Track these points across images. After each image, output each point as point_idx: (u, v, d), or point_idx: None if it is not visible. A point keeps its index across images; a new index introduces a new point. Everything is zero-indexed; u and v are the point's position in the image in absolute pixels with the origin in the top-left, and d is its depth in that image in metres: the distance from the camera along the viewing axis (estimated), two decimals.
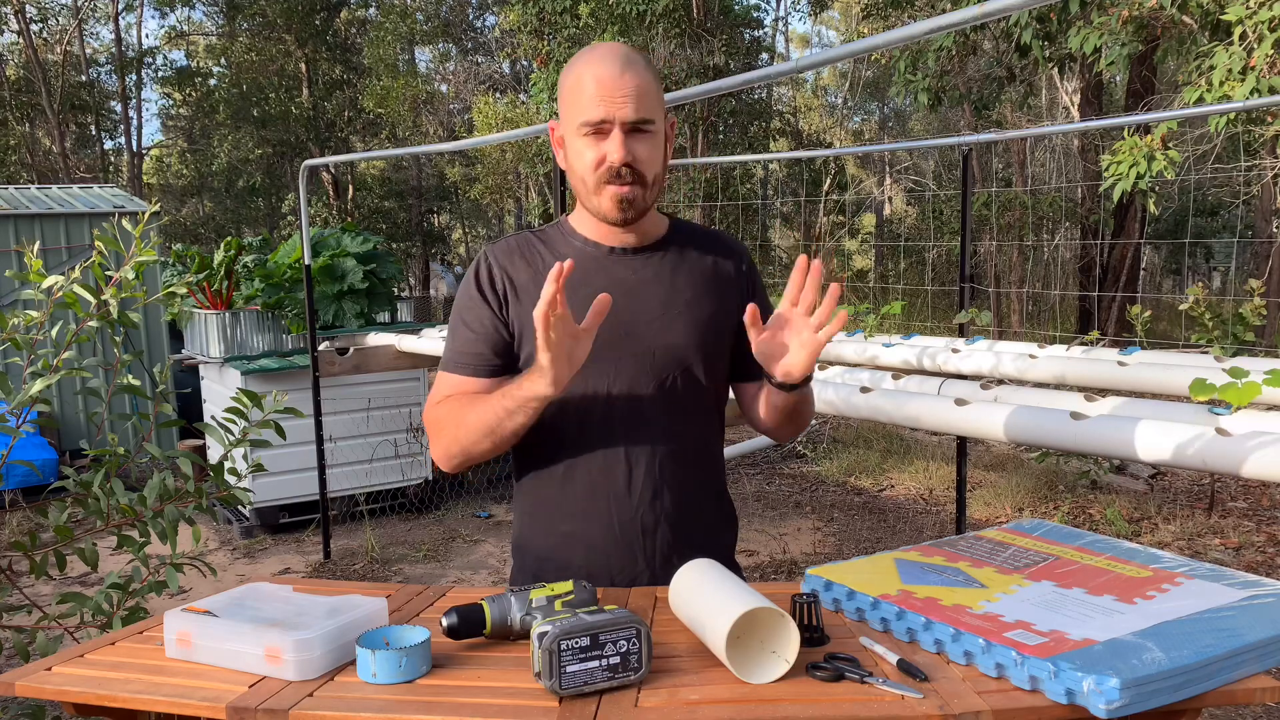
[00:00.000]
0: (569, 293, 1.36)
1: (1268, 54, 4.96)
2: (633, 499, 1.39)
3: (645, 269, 1.43)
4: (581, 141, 1.34)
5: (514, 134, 4.04)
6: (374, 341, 5.34)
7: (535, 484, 1.45)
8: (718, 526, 1.51)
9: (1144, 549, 1.29)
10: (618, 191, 1.34)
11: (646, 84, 1.33)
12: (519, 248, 1.45)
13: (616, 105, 1.30)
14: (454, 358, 1.43)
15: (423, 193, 20.80)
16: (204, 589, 3.68)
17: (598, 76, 1.31)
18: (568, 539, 1.42)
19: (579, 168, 1.36)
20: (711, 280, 1.46)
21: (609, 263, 1.43)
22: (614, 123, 1.31)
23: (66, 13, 19.96)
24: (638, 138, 1.33)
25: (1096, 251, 11.01)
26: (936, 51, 8.11)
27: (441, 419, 1.40)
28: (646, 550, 1.40)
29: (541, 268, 1.41)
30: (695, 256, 1.47)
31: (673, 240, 1.47)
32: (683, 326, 1.41)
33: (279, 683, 1.04)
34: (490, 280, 1.42)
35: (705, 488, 1.47)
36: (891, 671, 1.02)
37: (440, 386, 1.45)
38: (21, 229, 6.75)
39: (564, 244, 1.45)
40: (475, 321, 1.42)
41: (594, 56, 1.34)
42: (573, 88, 1.34)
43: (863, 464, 6.62)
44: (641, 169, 1.34)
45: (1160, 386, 2.48)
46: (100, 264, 2.14)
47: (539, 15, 11.99)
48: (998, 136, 3.90)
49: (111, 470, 2.02)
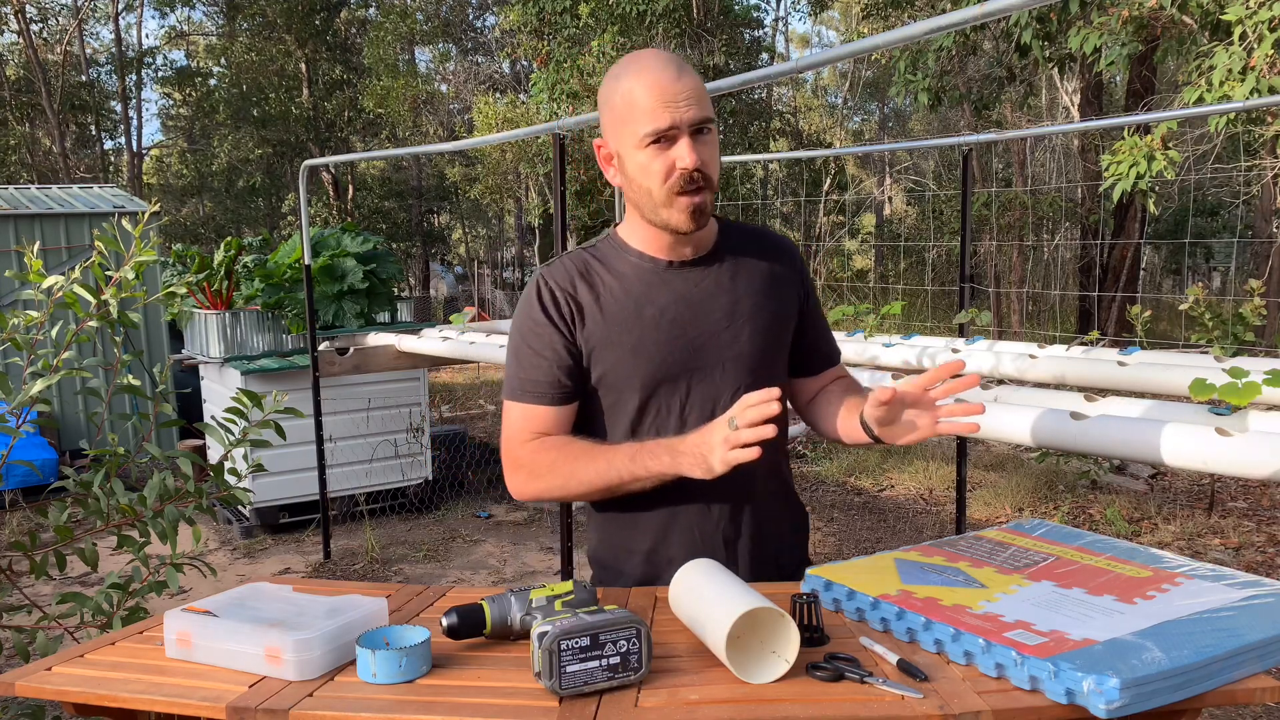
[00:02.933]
0: (631, 311, 1.37)
1: (1268, 54, 4.96)
2: (713, 513, 1.39)
3: (705, 280, 1.40)
4: (645, 154, 1.29)
5: (514, 134, 4.03)
6: (374, 341, 5.34)
7: (613, 503, 1.42)
8: (794, 528, 1.51)
9: (1144, 549, 1.29)
10: (690, 202, 1.30)
11: (700, 84, 1.31)
12: (576, 268, 1.41)
13: (680, 109, 1.27)
14: (527, 386, 1.39)
15: (423, 193, 20.81)
16: (204, 589, 3.68)
17: (655, 83, 1.27)
18: (650, 557, 1.41)
19: (645, 181, 1.31)
20: (770, 283, 1.44)
21: (669, 276, 1.39)
22: (681, 127, 1.27)
23: (66, 13, 19.96)
24: (702, 139, 1.30)
25: (1096, 251, 11.01)
26: (936, 51, 8.11)
27: (543, 464, 1.37)
28: (728, 563, 1.39)
29: (602, 288, 1.39)
30: (751, 260, 1.44)
31: (725, 246, 1.44)
32: (749, 335, 1.40)
33: (279, 683, 1.05)
34: (555, 303, 1.38)
35: (779, 494, 1.47)
36: (891, 671, 1.02)
37: (516, 418, 1.40)
38: (21, 229, 6.74)
39: (619, 260, 1.41)
40: (545, 348, 1.38)
41: (642, 65, 1.30)
42: (625, 101, 1.30)
43: (863, 464, 6.62)
44: (709, 172, 1.31)
45: (1160, 386, 2.48)
46: (100, 264, 2.14)
47: (539, 15, 11.99)
48: (998, 136, 3.90)
49: (111, 470, 2.02)
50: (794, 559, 1.49)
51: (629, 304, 1.37)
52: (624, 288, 1.38)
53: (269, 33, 19.33)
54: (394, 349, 5.15)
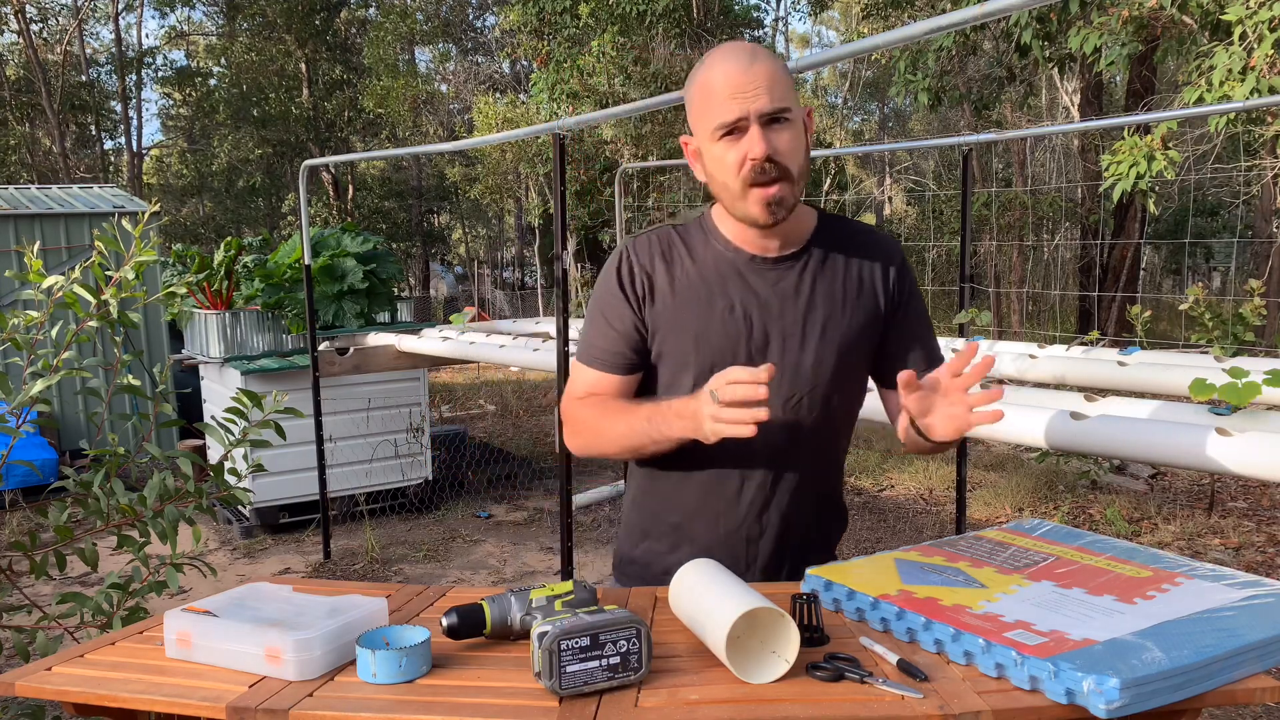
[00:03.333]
0: (703, 297, 1.38)
1: (1268, 54, 4.96)
2: (740, 509, 1.40)
3: (783, 281, 1.38)
4: (719, 146, 1.29)
5: (514, 134, 4.03)
6: (374, 341, 5.34)
7: (651, 475, 1.46)
8: (824, 531, 1.50)
9: (1144, 549, 1.29)
10: (764, 194, 1.29)
11: (777, 72, 1.28)
12: (659, 245, 1.42)
13: (750, 98, 1.25)
14: (593, 352, 1.43)
15: (423, 193, 20.81)
16: (204, 589, 3.67)
17: (725, 74, 1.27)
18: (675, 530, 1.45)
19: (720, 175, 1.31)
20: (854, 291, 1.40)
21: (747, 271, 1.38)
22: (750, 117, 1.26)
23: (66, 13, 19.96)
24: (776, 129, 1.27)
25: (1096, 251, 11.01)
26: (936, 51, 8.11)
27: (582, 420, 1.43)
28: (749, 556, 1.41)
29: (679, 272, 1.40)
30: (839, 264, 1.40)
31: (817, 244, 1.41)
32: (814, 345, 1.37)
33: (279, 683, 1.05)
34: (631, 278, 1.40)
35: (817, 499, 1.46)
36: (891, 671, 1.02)
37: (578, 378, 1.46)
38: (21, 229, 6.74)
39: (704, 246, 1.41)
40: (616, 319, 1.41)
41: (716, 58, 1.31)
42: (701, 95, 1.31)
43: (863, 464, 6.62)
44: (785, 161, 1.28)
45: (1160, 386, 2.48)
46: (100, 264, 2.14)
47: (539, 15, 11.99)
48: (998, 136, 3.90)
49: (111, 470, 2.01)
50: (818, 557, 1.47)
51: (702, 290, 1.38)
52: (700, 273, 1.39)
53: (269, 33, 19.33)
54: (394, 349, 5.15)
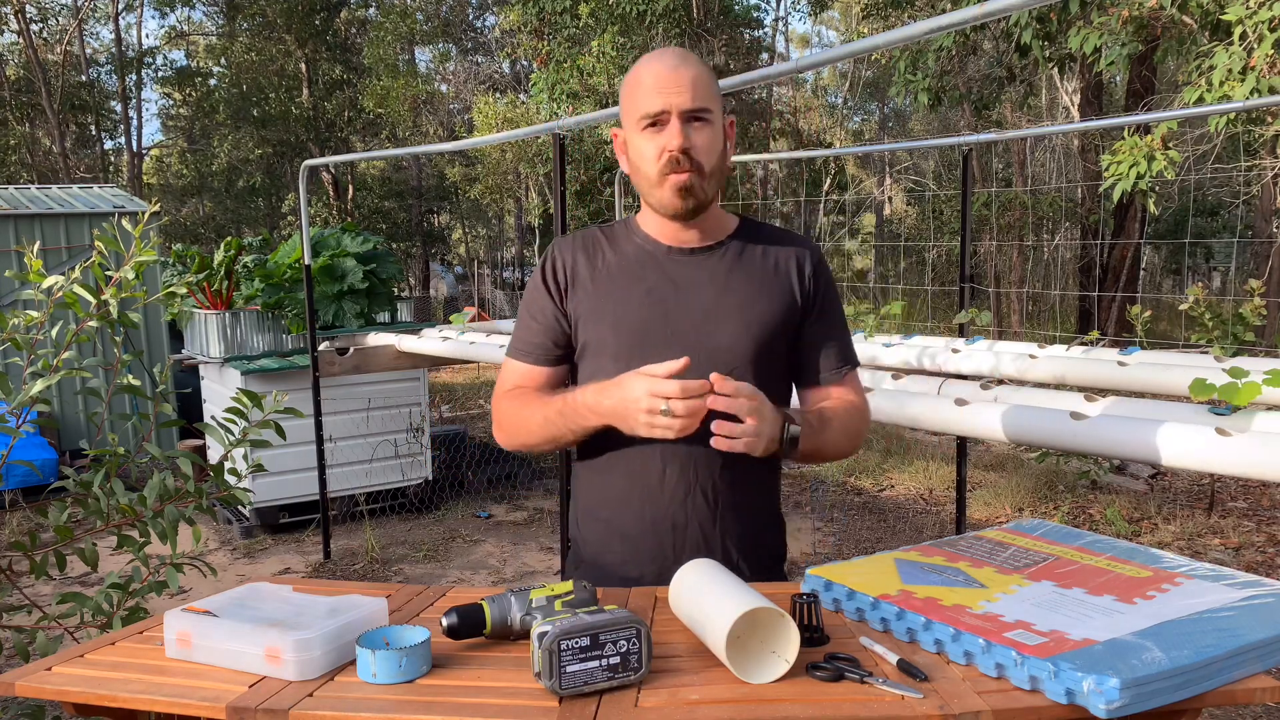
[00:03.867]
0: (621, 285, 1.45)
1: (1268, 54, 4.96)
2: (664, 495, 1.42)
3: (700, 269, 1.44)
4: (642, 137, 1.38)
5: (514, 134, 4.03)
6: (374, 341, 5.34)
7: (585, 471, 1.51)
8: (756, 529, 1.48)
9: (1144, 549, 1.29)
10: (677, 180, 1.36)
11: (701, 75, 1.37)
12: (583, 242, 1.50)
13: (673, 94, 1.34)
14: (519, 345, 1.51)
15: (423, 193, 20.81)
16: (204, 589, 3.67)
17: (654, 71, 1.37)
18: (607, 525, 1.47)
19: (641, 164, 1.39)
20: (769, 281, 1.45)
21: (665, 260, 1.45)
22: (671, 112, 1.35)
23: (66, 13, 19.96)
24: (696, 126, 1.36)
25: (1096, 251, 11.01)
26: (936, 51, 8.11)
27: (505, 413, 1.49)
28: (676, 545, 1.42)
29: (600, 263, 1.47)
30: (756, 256, 1.46)
31: (736, 239, 1.47)
32: (730, 327, 1.41)
33: (279, 683, 1.04)
34: (554, 272, 1.48)
35: (744, 492, 1.45)
36: (891, 671, 1.02)
37: (506, 373, 1.53)
38: (21, 229, 6.74)
39: (626, 240, 1.49)
40: (539, 312, 1.49)
41: (650, 57, 1.40)
42: (631, 88, 1.40)
43: (863, 464, 6.62)
44: (699, 157, 1.36)
45: (1160, 386, 2.48)
46: (100, 264, 2.14)
47: (539, 15, 11.99)
48: (998, 136, 3.90)
49: (111, 470, 2.01)
50: (762, 561, 1.47)
51: (621, 279, 1.45)
52: (621, 264, 1.46)
53: (269, 33, 19.33)
54: (394, 349, 5.15)
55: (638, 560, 1.43)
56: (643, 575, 1.42)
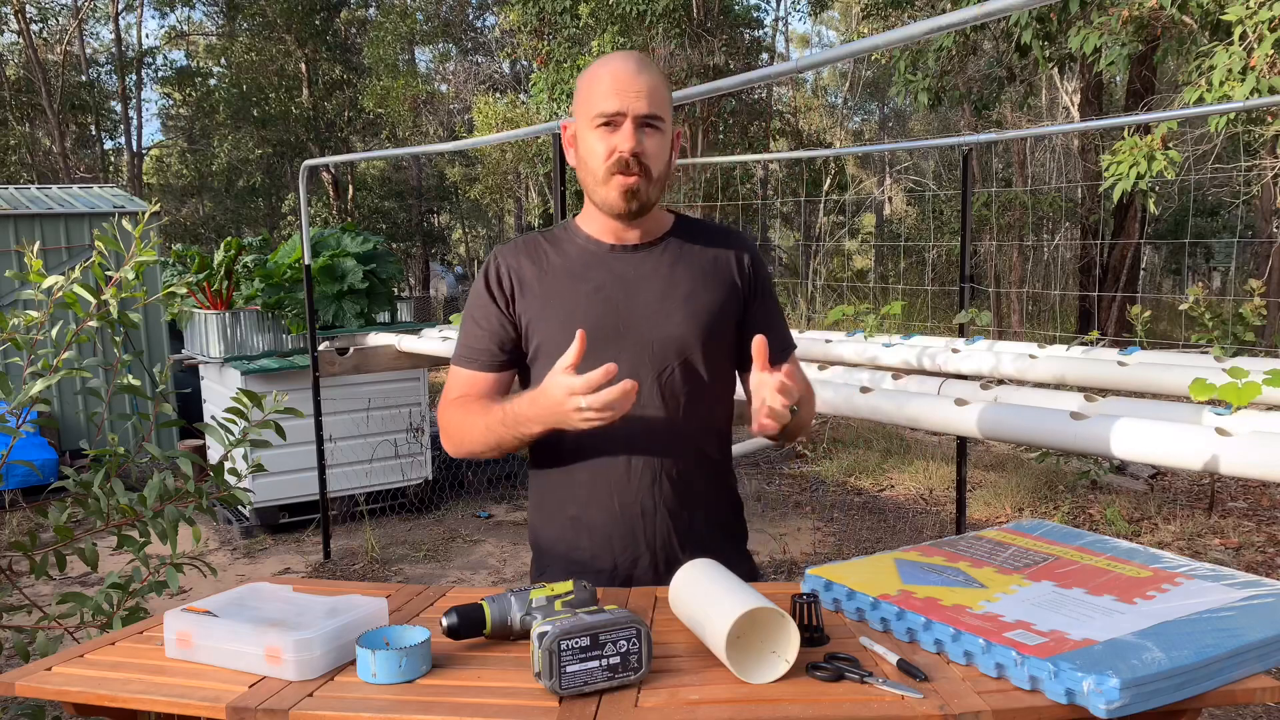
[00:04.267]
0: (568, 285, 1.47)
1: (1268, 54, 4.96)
2: (632, 483, 1.44)
3: (644, 264, 1.48)
4: (594, 134, 1.40)
5: (514, 134, 4.03)
6: (374, 341, 5.34)
7: (543, 472, 1.52)
8: (720, 512, 1.55)
9: (1144, 549, 1.29)
10: (624, 181, 1.39)
11: (659, 85, 1.41)
12: (525, 247, 1.52)
13: (630, 99, 1.37)
14: (464, 352, 1.52)
15: (423, 193, 20.80)
16: (204, 589, 3.67)
17: (614, 72, 1.39)
18: (574, 523, 1.48)
19: (590, 160, 1.42)
20: (711, 273, 1.50)
21: (609, 258, 1.48)
22: (627, 115, 1.38)
23: (66, 13, 19.95)
24: (647, 132, 1.40)
25: (1096, 251, 11.00)
26: (936, 51, 8.11)
27: (449, 421, 1.49)
28: (647, 533, 1.45)
29: (546, 265, 1.49)
30: (696, 250, 1.51)
31: (675, 235, 1.52)
32: (680, 318, 1.45)
33: (279, 683, 1.05)
34: (498, 279, 1.49)
35: (706, 475, 1.51)
36: (891, 671, 1.02)
37: (452, 381, 1.53)
38: (21, 229, 6.74)
39: (568, 242, 1.51)
40: (483, 319, 1.50)
41: (611, 57, 1.43)
42: (588, 84, 1.42)
43: (863, 464, 6.62)
44: (648, 162, 1.40)
45: (1160, 386, 2.48)
46: (100, 264, 2.14)
47: (539, 15, 11.99)
48: (998, 136, 3.90)
49: (111, 470, 2.01)
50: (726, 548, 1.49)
51: (567, 280, 1.47)
52: (566, 265, 1.49)
53: (269, 33, 19.32)
54: (394, 349, 5.15)
55: (609, 551, 1.46)
56: (617, 567, 1.45)
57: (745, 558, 1.59)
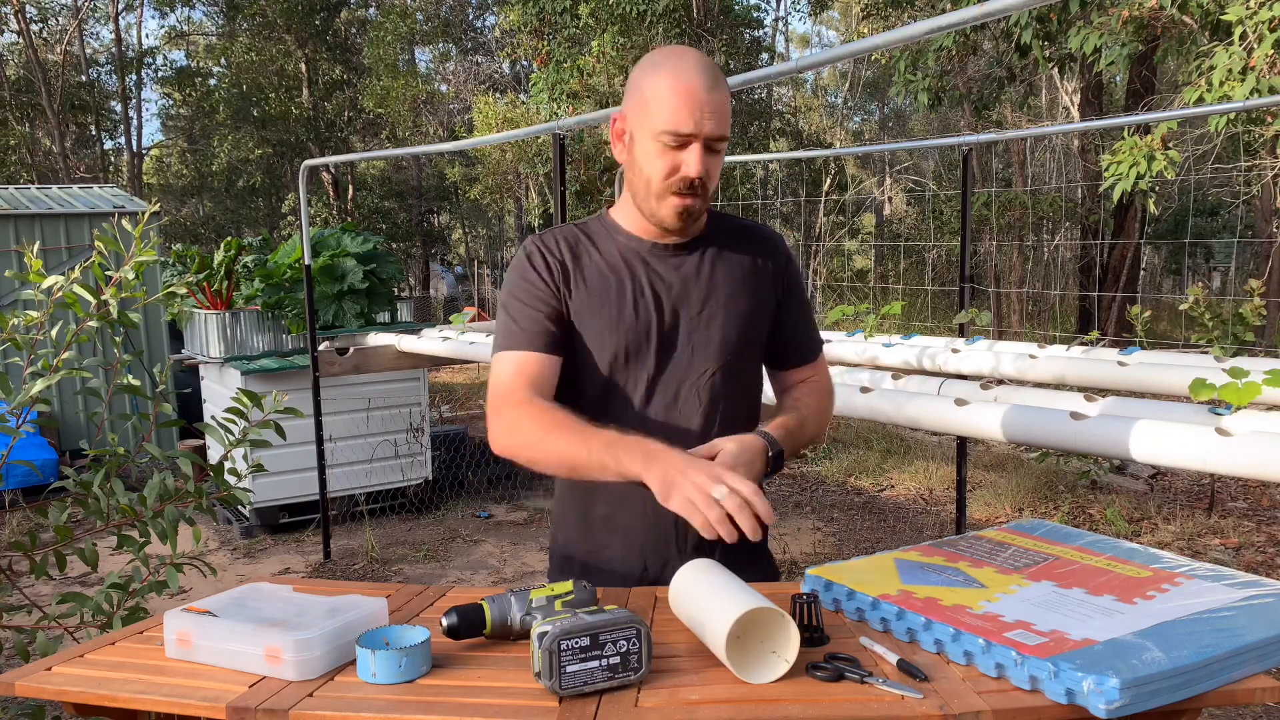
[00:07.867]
0: (613, 284, 1.43)
1: (1268, 54, 4.96)
2: None
3: (685, 265, 1.45)
4: (655, 146, 1.34)
5: (514, 134, 4.03)
6: (374, 341, 5.34)
7: None
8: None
9: (1144, 549, 1.29)
10: (681, 203, 1.36)
11: (726, 100, 1.35)
12: (568, 239, 1.46)
13: (704, 121, 1.31)
14: (518, 335, 1.39)
15: (423, 193, 20.81)
16: (204, 589, 3.67)
17: (688, 86, 1.31)
18: (605, 522, 1.46)
19: (647, 170, 1.36)
20: (750, 275, 1.48)
21: (650, 257, 1.45)
22: (698, 137, 1.32)
23: (66, 13, 19.96)
24: (711, 155, 1.35)
25: (1096, 251, 11.00)
26: (936, 51, 8.11)
27: (522, 426, 1.34)
28: (679, 538, 1.43)
29: (588, 261, 1.44)
30: (734, 252, 1.49)
31: (712, 235, 1.49)
32: (721, 322, 1.44)
33: (279, 683, 1.04)
34: (547, 265, 1.42)
35: None
36: (891, 671, 1.02)
37: (506, 368, 1.39)
38: (21, 229, 6.74)
39: (607, 239, 1.47)
40: (536, 301, 1.40)
41: (684, 65, 1.33)
42: (655, 92, 1.33)
43: (863, 464, 6.62)
44: (709, 184, 1.37)
45: (1160, 386, 2.48)
46: (100, 264, 2.14)
47: (539, 15, 11.99)
48: (998, 136, 3.90)
49: (111, 470, 2.01)
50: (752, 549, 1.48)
51: (611, 278, 1.43)
52: (608, 263, 1.44)
53: (269, 33, 19.32)
54: (394, 349, 5.15)
55: (639, 554, 1.44)
56: (646, 569, 1.43)
57: (769, 558, 1.59)
